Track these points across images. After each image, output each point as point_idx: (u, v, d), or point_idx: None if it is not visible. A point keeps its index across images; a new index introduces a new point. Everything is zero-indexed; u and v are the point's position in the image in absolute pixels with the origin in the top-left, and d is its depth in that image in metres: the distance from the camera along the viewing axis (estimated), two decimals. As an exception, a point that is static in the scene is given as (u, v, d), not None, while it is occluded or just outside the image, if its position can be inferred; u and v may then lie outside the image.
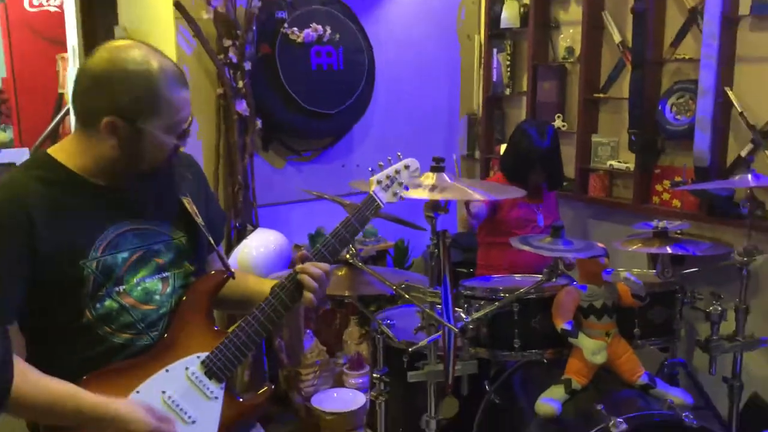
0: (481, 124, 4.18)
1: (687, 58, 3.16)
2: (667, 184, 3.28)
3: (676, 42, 3.21)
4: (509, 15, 3.91)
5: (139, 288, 1.49)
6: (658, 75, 3.28)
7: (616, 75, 3.51)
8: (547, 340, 2.32)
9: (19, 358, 1.30)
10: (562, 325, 2.22)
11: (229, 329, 1.55)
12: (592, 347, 2.20)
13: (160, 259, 1.53)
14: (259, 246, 3.10)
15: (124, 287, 1.47)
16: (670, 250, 2.42)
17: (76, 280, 1.41)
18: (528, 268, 2.88)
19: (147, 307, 1.50)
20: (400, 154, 1.73)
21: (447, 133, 4.24)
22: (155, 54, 1.43)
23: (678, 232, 2.63)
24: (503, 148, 3.54)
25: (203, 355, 1.51)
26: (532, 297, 2.31)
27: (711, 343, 2.39)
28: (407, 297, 1.89)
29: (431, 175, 1.92)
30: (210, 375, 1.51)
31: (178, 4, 3.08)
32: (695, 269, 2.61)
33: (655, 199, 3.34)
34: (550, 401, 2.19)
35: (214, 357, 1.51)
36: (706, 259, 2.62)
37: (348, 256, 2.21)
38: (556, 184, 3.29)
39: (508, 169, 3.19)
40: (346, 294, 2.22)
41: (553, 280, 2.13)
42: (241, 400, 1.55)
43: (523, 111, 3.95)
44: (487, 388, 2.46)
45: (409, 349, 2.05)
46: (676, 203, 3.25)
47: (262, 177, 3.48)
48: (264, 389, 1.60)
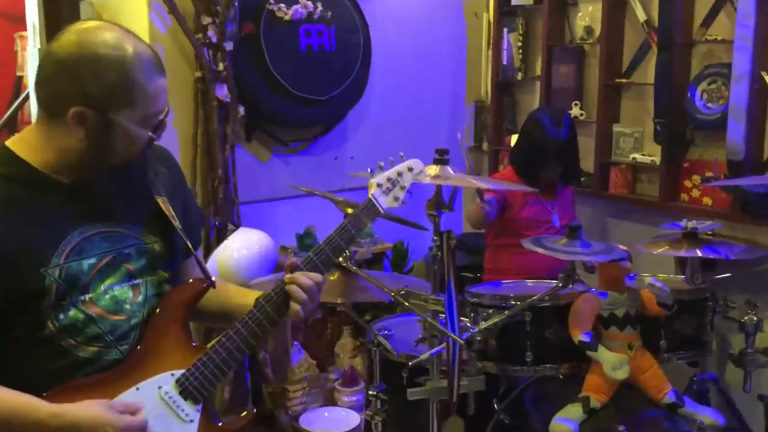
0: (489, 113, 4.18)
1: (719, 39, 3.16)
2: (696, 179, 3.28)
3: (708, 21, 3.21)
4: (521, -10, 3.92)
5: (107, 296, 1.48)
6: (687, 58, 3.29)
7: (641, 58, 3.51)
8: (562, 353, 2.32)
9: None
10: (580, 336, 2.22)
11: (208, 344, 1.54)
12: (613, 361, 2.20)
13: (131, 265, 1.52)
14: (241, 247, 3.10)
15: (91, 295, 1.46)
16: (700, 254, 2.42)
17: (37, 290, 1.40)
18: (541, 273, 2.88)
19: (116, 317, 1.49)
20: (402, 154, 1.73)
21: (451, 122, 4.24)
22: (129, 37, 1.42)
23: (709, 233, 2.63)
24: (514, 139, 3.54)
25: (178, 372, 1.50)
26: (547, 305, 2.31)
27: (745, 357, 2.40)
28: (407, 305, 1.88)
29: (434, 167, 1.93)
30: (185, 395, 1.50)
31: (151, -23, 3.08)
32: (728, 274, 2.61)
33: (684, 196, 3.35)
34: (566, 421, 2.20)
35: (191, 375, 1.50)
36: (739, 264, 2.62)
37: (341, 259, 2.20)
38: (572, 178, 3.29)
39: (519, 162, 3.19)
40: (339, 301, 2.22)
41: (570, 287, 2.14)
42: (219, 424, 1.54)
43: (537, 98, 3.96)
44: (495, 406, 2.46)
45: (409, 363, 2.05)
46: (707, 201, 3.26)
47: (244, 171, 3.47)
48: (245, 413, 1.59)
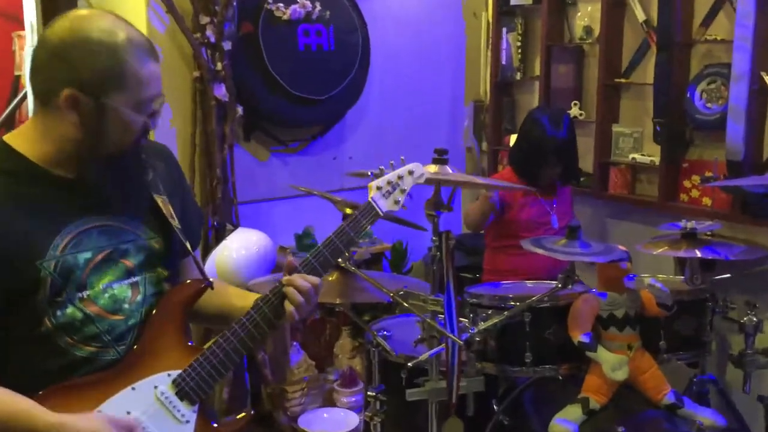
0: (488, 112, 4.18)
1: (719, 39, 3.15)
2: (696, 179, 3.28)
3: (707, 21, 3.21)
4: (520, -10, 3.92)
5: (106, 295, 1.48)
6: (686, 58, 3.28)
7: (640, 58, 3.51)
8: (562, 354, 2.32)
9: None
10: (579, 337, 2.22)
11: (205, 345, 1.53)
12: (612, 362, 2.20)
13: (129, 261, 1.51)
14: (239, 247, 3.09)
15: (89, 293, 1.46)
16: (699, 254, 2.43)
17: (32, 283, 1.39)
18: (541, 274, 2.88)
19: (114, 317, 1.49)
20: (403, 158, 1.74)
21: (450, 121, 4.24)
22: (122, 23, 1.42)
23: (708, 233, 2.63)
24: (513, 139, 3.54)
25: (175, 373, 1.50)
26: (546, 306, 2.31)
27: (745, 358, 2.39)
28: (406, 305, 1.88)
29: (433, 167, 1.93)
30: (182, 396, 1.49)
31: (149, -24, 3.08)
32: (728, 275, 2.62)
33: (683, 196, 3.34)
34: (565, 422, 2.19)
35: (187, 376, 1.50)
36: (739, 264, 2.63)
37: (340, 260, 2.20)
38: (571, 177, 3.28)
39: (518, 162, 3.19)
40: (338, 302, 2.22)
41: (569, 287, 2.13)
42: (216, 425, 1.54)
43: (536, 98, 3.96)
44: (495, 407, 2.46)
45: (408, 364, 2.05)
46: (707, 201, 3.25)
47: (243, 170, 3.47)
48: (242, 415, 1.59)
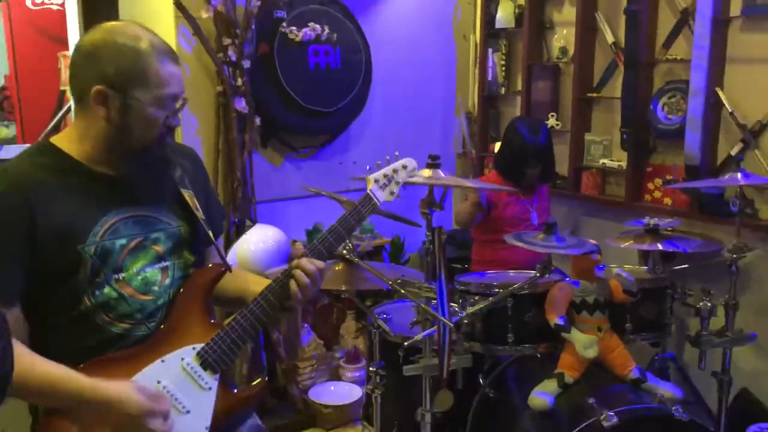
0: (476, 123, 4.17)
1: (678, 58, 3.15)
2: (658, 182, 3.27)
3: (668, 43, 3.21)
4: (504, 15, 3.90)
5: (139, 278, 1.48)
6: (650, 75, 3.28)
7: (609, 75, 3.50)
8: (540, 334, 2.32)
9: (18, 342, 1.28)
10: (555, 320, 2.22)
11: (225, 321, 1.54)
12: (584, 342, 2.20)
13: (159, 247, 1.52)
14: (257, 241, 3.09)
15: (124, 275, 1.46)
16: (661, 247, 2.43)
17: (75, 264, 1.40)
18: (522, 265, 2.87)
19: (145, 297, 1.49)
20: (397, 153, 1.73)
21: (443, 131, 4.23)
22: (147, 31, 1.44)
23: (669, 229, 2.63)
24: (497, 146, 3.53)
25: (199, 346, 1.51)
26: (526, 292, 2.31)
27: (701, 338, 2.39)
28: (403, 292, 1.88)
29: (427, 171, 1.93)
30: (205, 366, 1.50)
31: (178, 3, 3.07)
32: (685, 266, 2.61)
33: (647, 196, 3.34)
34: (543, 395, 2.20)
35: (209, 348, 1.51)
36: (696, 256, 2.62)
37: (345, 252, 2.20)
38: (549, 177, 3.27)
39: (502, 166, 3.18)
40: (344, 289, 2.21)
41: (546, 276, 2.13)
42: (235, 391, 1.55)
43: (518, 110, 3.95)
44: (481, 381, 2.46)
45: (405, 344, 2.04)
46: (668, 201, 3.25)
47: (260, 174, 3.46)
48: (258, 380, 1.60)
